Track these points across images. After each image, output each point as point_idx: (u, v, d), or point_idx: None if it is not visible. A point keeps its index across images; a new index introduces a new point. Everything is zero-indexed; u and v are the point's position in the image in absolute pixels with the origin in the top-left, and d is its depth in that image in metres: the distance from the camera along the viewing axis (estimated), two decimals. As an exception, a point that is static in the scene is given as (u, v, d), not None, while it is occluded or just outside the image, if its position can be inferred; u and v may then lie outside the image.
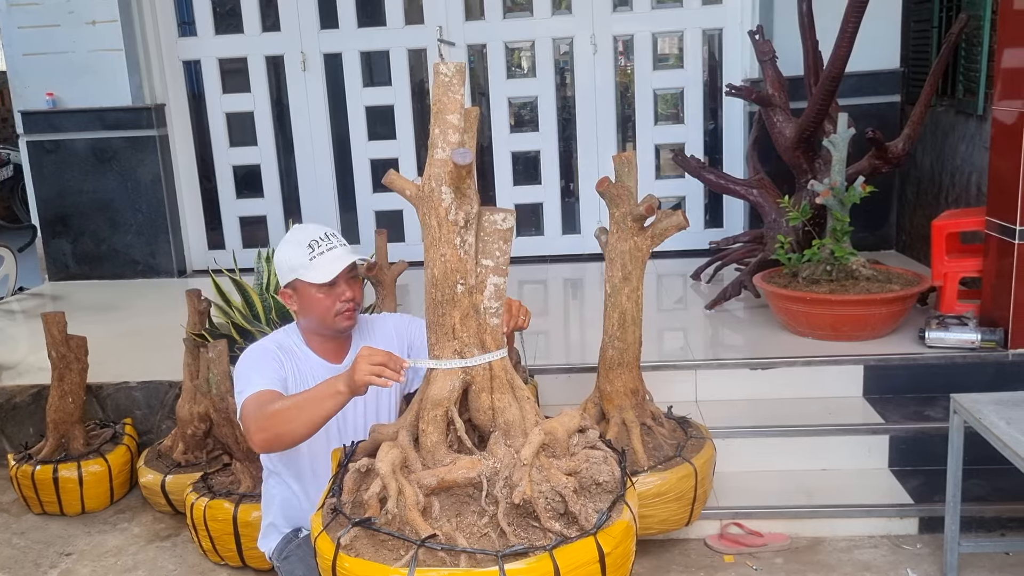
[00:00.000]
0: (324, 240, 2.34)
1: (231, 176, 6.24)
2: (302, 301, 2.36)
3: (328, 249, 2.33)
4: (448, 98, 1.80)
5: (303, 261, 2.31)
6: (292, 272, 2.34)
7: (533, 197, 6.08)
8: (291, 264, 2.34)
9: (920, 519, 3.21)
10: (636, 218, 2.86)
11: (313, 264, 2.30)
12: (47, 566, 3.33)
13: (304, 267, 2.31)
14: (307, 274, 2.31)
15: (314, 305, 2.34)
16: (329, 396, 2.00)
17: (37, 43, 5.80)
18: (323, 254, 2.31)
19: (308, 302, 2.35)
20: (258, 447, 2.14)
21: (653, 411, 3.10)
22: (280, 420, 2.05)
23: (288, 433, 2.06)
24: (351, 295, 2.35)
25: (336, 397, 1.99)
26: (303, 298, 2.35)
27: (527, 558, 1.73)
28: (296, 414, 2.03)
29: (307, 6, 5.90)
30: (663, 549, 3.21)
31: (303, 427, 2.04)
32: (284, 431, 2.06)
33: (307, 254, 2.31)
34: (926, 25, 5.00)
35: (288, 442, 2.10)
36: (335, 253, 2.33)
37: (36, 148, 5.95)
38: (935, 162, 4.97)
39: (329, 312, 2.34)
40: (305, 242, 2.33)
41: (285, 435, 2.07)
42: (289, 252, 2.35)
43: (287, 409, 2.05)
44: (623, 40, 5.86)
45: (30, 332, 5.06)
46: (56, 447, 3.67)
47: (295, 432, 2.06)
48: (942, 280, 3.93)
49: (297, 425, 2.04)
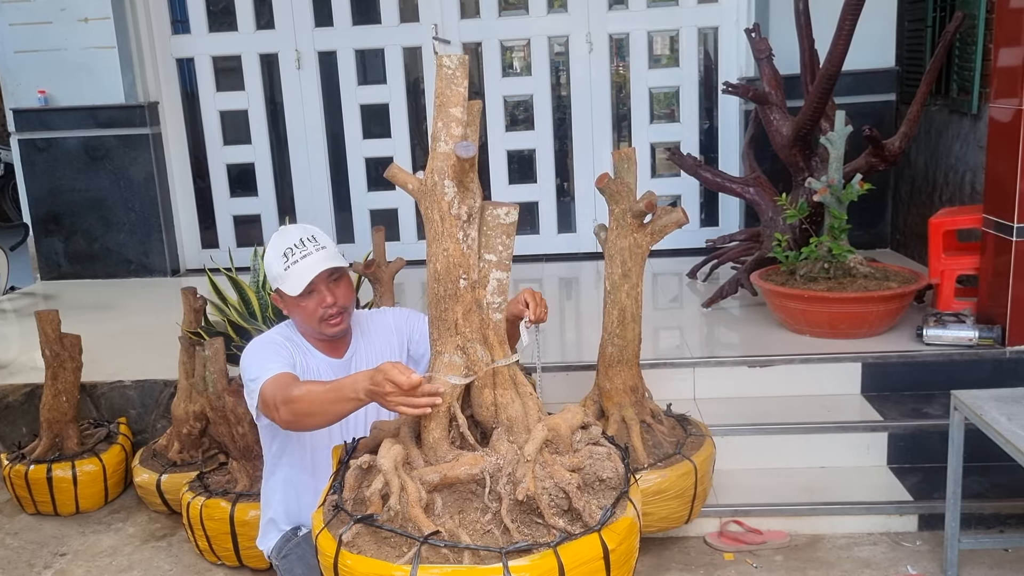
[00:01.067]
0: (299, 247, 2.29)
1: (225, 174, 6.20)
2: (288, 308, 2.36)
3: (303, 257, 2.27)
4: (451, 91, 1.79)
5: (279, 271, 2.29)
6: (273, 280, 2.34)
7: (529, 196, 6.07)
8: (271, 272, 2.33)
9: (919, 516, 3.21)
10: (636, 214, 2.85)
11: (288, 274, 2.28)
12: (41, 566, 3.30)
13: (280, 277, 2.29)
14: (283, 284, 2.29)
15: (297, 312, 2.34)
16: (348, 400, 1.97)
17: (29, 40, 5.76)
18: (296, 263, 2.27)
19: (293, 310, 2.35)
20: (283, 424, 2.13)
21: (652, 409, 3.09)
22: (304, 408, 2.05)
23: (310, 422, 2.09)
24: (332, 300, 2.30)
25: (355, 403, 1.97)
26: (288, 305, 2.35)
27: (531, 555, 1.72)
28: (316, 407, 2.03)
29: (301, 4, 5.87)
30: (663, 547, 3.20)
31: (321, 419, 2.07)
32: (306, 419, 2.08)
33: (282, 263, 2.28)
34: (920, 24, 5.01)
35: (309, 427, 2.14)
36: (309, 261, 2.27)
37: (28, 146, 5.91)
38: (929, 160, 4.98)
39: (314, 318, 2.32)
40: (281, 250, 2.29)
41: (306, 422, 2.09)
42: (270, 259, 2.34)
43: (309, 398, 2.04)
44: (618, 39, 5.86)
45: (22, 331, 5.02)
46: (50, 446, 3.64)
47: (316, 423, 2.09)
48: (939, 278, 3.93)
49: (319, 417, 2.05)
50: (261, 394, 2.16)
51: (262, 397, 2.16)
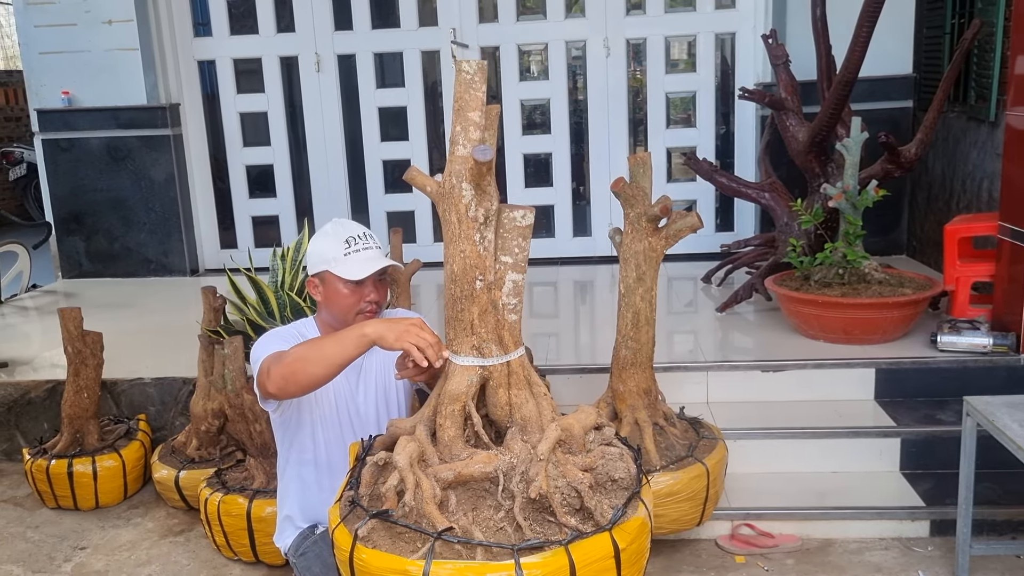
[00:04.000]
0: (361, 239, 2.37)
1: (244, 176, 6.27)
2: (327, 293, 2.38)
3: (364, 248, 2.36)
4: (470, 95, 1.82)
5: (337, 254, 2.34)
6: (324, 263, 2.36)
7: (544, 199, 6.10)
8: (324, 255, 2.36)
9: (931, 522, 3.21)
10: (651, 219, 2.87)
11: (347, 259, 2.33)
12: (61, 559, 3.35)
13: (337, 260, 2.33)
14: (338, 267, 2.33)
15: (338, 299, 2.36)
16: (351, 339, 2.01)
17: (53, 42, 5.85)
18: (359, 252, 2.34)
19: (333, 295, 2.37)
20: (274, 386, 2.12)
21: (665, 411, 3.11)
22: (297, 357, 2.07)
23: (303, 371, 2.06)
24: (375, 297, 2.37)
25: (359, 341, 2.01)
26: (329, 290, 2.37)
27: (542, 552, 1.74)
28: (314, 352, 2.05)
29: (322, 8, 5.94)
30: (674, 549, 3.22)
31: (319, 366, 2.05)
32: (299, 368, 2.06)
33: (343, 248, 2.34)
34: (938, 31, 5.01)
35: (303, 380, 2.09)
36: (370, 254, 2.36)
37: (51, 146, 6.00)
38: (946, 167, 4.97)
39: (351, 310, 2.36)
40: (343, 237, 2.36)
41: (299, 372, 2.07)
42: (325, 243, 2.37)
43: (305, 347, 2.07)
44: (636, 43, 5.88)
45: (43, 328, 5.09)
46: (71, 442, 3.70)
47: (311, 371, 2.06)
48: (954, 284, 3.93)
49: (313, 364, 2.05)
50: (259, 369, 2.19)
51: (259, 371, 2.18)
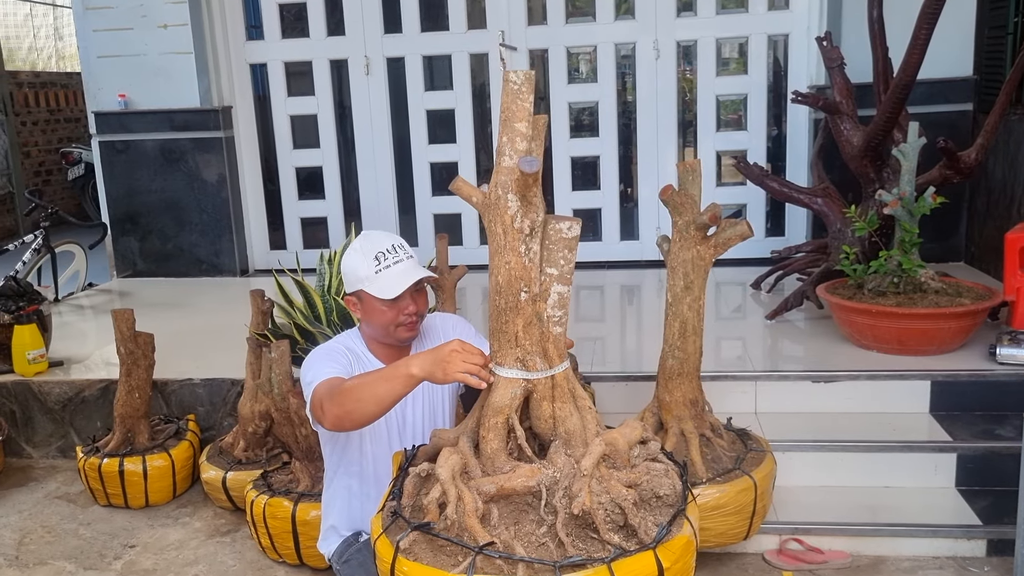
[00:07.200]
0: (391, 252, 2.34)
1: (294, 177, 6.34)
2: (366, 311, 2.38)
3: (395, 263, 2.33)
4: (517, 106, 1.80)
5: (368, 273, 2.32)
6: (358, 282, 2.35)
7: (592, 202, 6.06)
8: (357, 274, 2.35)
9: (988, 541, 3.11)
10: (699, 227, 2.83)
11: (379, 277, 2.31)
12: (111, 557, 3.41)
13: (370, 279, 2.32)
14: (372, 286, 2.32)
15: (377, 316, 2.36)
16: (399, 378, 2.01)
17: (111, 46, 5.98)
18: (389, 268, 2.32)
19: (371, 313, 2.37)
20: (330, 423, 2.14)
21: (712, 422, 3.06)
22: (350, 398, 2.07)
23: (357, 411, 2.07)
24: (415, 309, 2.36)
25: (407, 380, 2.01)
26: (367, 308, 2.37)
27: (584, 570, 1.73)
28: (366, 392, 2.05)
29: (372, 11, 5.97)
30: (720, 563, 3.16)
31: (371, 405, 2.05)
32: (353, 408, 2.07)
33: (373, 266, 2.32)
34: (1000, 31, 4.86)
35: (358, 419, 2.10)
36: (401, 267, 2.33)
37: (107, 148, 6.13)
38: (1007, 173, 4.82)
39: (392, 324, 2.36)
40: (372, 253, 2.34)
41: (354, 412, 2.08)
42: (356, 261, 2.36)
43: (357, 387, 2.07)
44: (686, 45, 5.81)
45: (98, 327, 5.20)
46: (122, 441, 3.77)
47: (364, 411, 2.07)
48: (1014, 295, 3.81)
49: (366, 404, 2.05)
50: (312, 398, 2.20)
51: (312, 401, 2.20)
